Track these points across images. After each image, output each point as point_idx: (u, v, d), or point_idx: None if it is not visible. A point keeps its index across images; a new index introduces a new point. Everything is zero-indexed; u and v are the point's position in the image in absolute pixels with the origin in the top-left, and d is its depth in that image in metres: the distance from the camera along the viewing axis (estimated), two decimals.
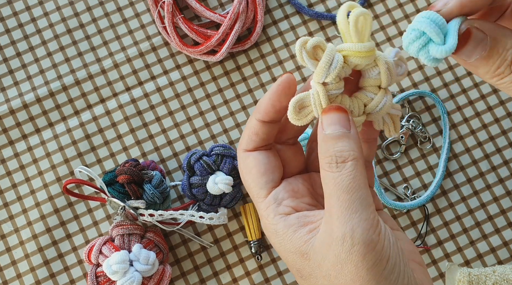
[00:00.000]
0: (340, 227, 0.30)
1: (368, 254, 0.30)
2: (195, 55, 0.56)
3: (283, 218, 0.33)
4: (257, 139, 0.36)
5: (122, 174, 0.49)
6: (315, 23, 0.58)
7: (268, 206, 0.34)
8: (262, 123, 0.35)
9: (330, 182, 0.31)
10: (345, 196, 0.30)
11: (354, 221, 0.30)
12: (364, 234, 0.30)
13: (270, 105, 0.35)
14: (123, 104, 0.56)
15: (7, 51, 0.57)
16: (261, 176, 0.35)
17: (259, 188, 0.35)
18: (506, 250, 0.55)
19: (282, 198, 0.35)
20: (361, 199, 0.31)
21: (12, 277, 0.53)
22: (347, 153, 0.31)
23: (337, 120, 0.32)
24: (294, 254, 0.33)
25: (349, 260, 0.30)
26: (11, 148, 0.55)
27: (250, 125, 0.36)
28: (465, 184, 0.56)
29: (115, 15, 0.58)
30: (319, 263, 0.31)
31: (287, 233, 0.33)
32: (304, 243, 0.32)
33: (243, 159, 0.36)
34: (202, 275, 0.54)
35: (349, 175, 0.31)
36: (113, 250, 0.48)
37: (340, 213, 0.30)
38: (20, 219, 0.54)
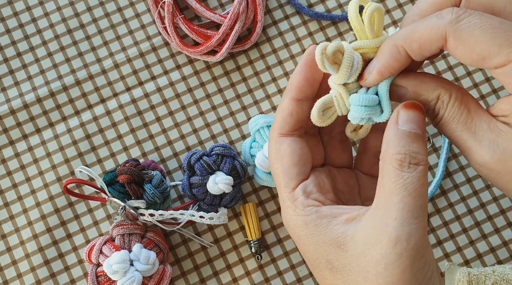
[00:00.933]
0: (398, 228, 0.29)
1: (417, 261, 0.30)
2: (195, 56, 0.56)
3: (314, 209, 0.33)
4: (292, 121, 0.34)
5: (122, 173, 0.49)
6: (315, 23, 0.59)
7: (297, 198, 0.33)
8: (296, 102, 0.34)
9: (396, 181, 0.30)
10: (410, 199, 0.30)
11: (413, 226, 0.29)
12: (419, 242, 0.29)
13: (303, 79, 0.33)
14: (123, 104, 0.56)
15: (8, 51, 0.57)
16: (293, 166, 0.34)
17: (288, 178, 0.34)
18: (506, 250, 0.55)
19: (310, 191, 0.34)
20: (423, 207, 0.30)
21: (13, 276, 0.53)
22: (422, 156, 0.31)
23: (416, 119, 0.31)
24: (328, 245, 0.32)
25: (397, 262, 0.29)
26: (12, 148, 0.55)
27: (283, 107, 0.34)
28: (465, 184, 0.56)
29: (116, 15, 0.58)
30: (357, 256, 0.31)
31: (320, 223, 0.32)
32: (342, 233, 0.31)
33: (277, 144, 0.34)
34: (202, 274, 0.54)
35: (419, 179, 0.30)
36: (113, 249, 0.48)
37: (401, 215, 0.29)
38: (21, 218, 0.54)
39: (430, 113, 0.32)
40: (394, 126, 0.31)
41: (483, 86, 0.58)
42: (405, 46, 0.31)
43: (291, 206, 0.33)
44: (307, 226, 0.32)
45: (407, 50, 0.31)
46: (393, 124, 0.31)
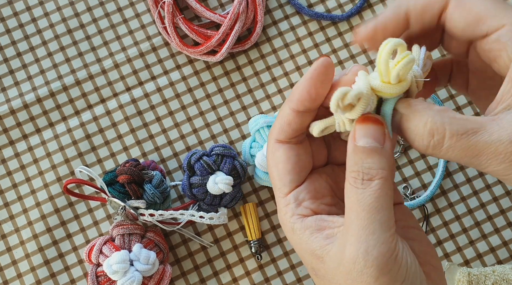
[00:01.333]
0: (354, 245, 0.29)
1: (381, 277, 0.29)
2: (195, 56, 0.56)
3: (300, 219, 0.33)
4: (289, 130, 0.34)
5: (122, 173, 0.49)
6: (315, 23, 0.59)
7: (288, 204, 0.33)
8: (296, 113, 0.33)
9: (352, 197, 0.30)
10: (364, 214, 0.29)
11: (370, 242, 0.29)
12: (379, 258, 0.29)
13: (305, 93, 0.32)
14: (123, 104, 0.56)
15: (8, 51, 0.57)
16: (286, 174, 0.34)
17: (282, 184, 0.34)
18: (506, 250, 0.55)
19: (302, 198, 0.34)
20: (381, 221, 0.29)
21: (13, 276, 0.53)
22: (375, 171, 0.30)
23: (372, 133, 0.30)
24: (310, 255, 0.32)
25: (360, 279, 0.29)
26: (12, 148, 0.55)
27: (283, 114, 0.34)
28: (465, 184, 0.56)
29: (116, 15, 0.58)
30: (332, 270, 0.31)
31: (303, 233, 0.32)
32: (320, 247, 0.31)
33: (272, 150, 0.34)
34: (202, 274, 0.54)
35: (373, 194, 0.30)
36: (113, 249, 0.48)
37: (357, 231, 0.29)
38: (21, 218, 0.54)
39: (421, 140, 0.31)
40: (351, 142, 0.31)
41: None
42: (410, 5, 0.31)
43: (282, 210, 0.34)
44: (294, 232, 0.33)
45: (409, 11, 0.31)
46: (351, 140, 0.31)
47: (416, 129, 0.30)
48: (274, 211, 0.55)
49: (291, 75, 0.57)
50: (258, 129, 0.52)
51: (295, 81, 0.57)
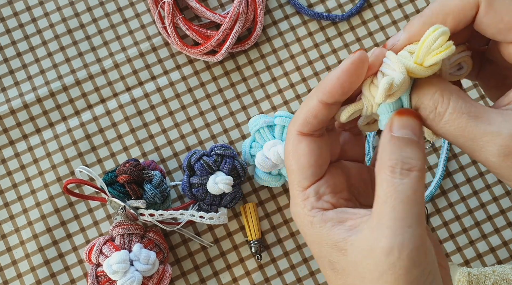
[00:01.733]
0: (390, 238, 0.29)
1: (413, 270, 0.29)
2: (195, 56, 0.56)
3: (320, 212, 0.32)
4: (315, 122, 0.33)
5: (122, 173, 0.49)
6: (315, 23, 0.59)
7: (307, 198, 0.33)
8: (324, 105, 0.32)
9: (388, 188, 0.29)
10: (402, 207, 0.29)
11: (406, 235, 0.29)
12: (414, 251, 0.29)
13: (338, 86, 0.31)
14: (123, 104, 0.56)
15: (8, 51, 0.57)
16: (308, 167, 0.33)
17: (302, 178, 0.33)
18: (506, 250, 0.55)
19: (323, 192, 0.33)
20: (417, 214, 0.29)
21: (13, 276, 0.53)
22: (415, 161, 0.30)
23: (410, 126, 0.31)
24: (331, 247, 0.32)
25: (390, 271, 0.29)
26: (12, 148, 0.55)
27: (309, 106, 0.33)
28: (465, 184, 0.56)
29: (116, 15, 0.58)
30: (356, 262, 0.31)
31: (324, 226, 0.32)
32: (343, 239, 0.31)
33: (295, 142, 0.34)
34: (202, 274, 0.54)
35: (412, 186, 0.29)
36: (113, 249, 0.48)
37: (393, 223, 0.29)
38: (21, 218, 0.54)
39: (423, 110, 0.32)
40: (388, 133, 0.31)
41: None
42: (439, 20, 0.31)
43: (300, 204, 0.33)
44: (313, 226, 0.32)
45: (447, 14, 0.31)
46: (387, 131, 0.31)
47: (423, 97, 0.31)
48: (274, 211, 0.55)
49: (291, 75, 0.57)
50: (258, 129, 0.52)
51: (295, 81, 0.57)
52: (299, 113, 0.34)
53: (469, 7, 0.30)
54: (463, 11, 0.31)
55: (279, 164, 0.51)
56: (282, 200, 0.55)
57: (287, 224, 0.55)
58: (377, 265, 0.29)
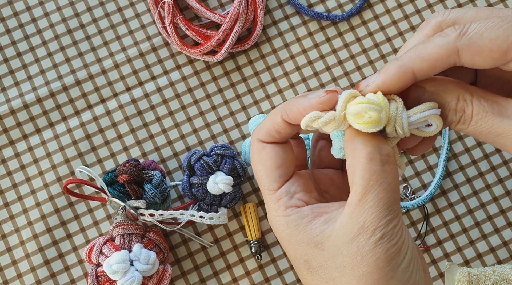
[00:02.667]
0: (373, 222, 0.30)
1: (391, 248, 0.31)
2: (195, 56, 0.56)
3: (295, 210, 0.33)
4: (277, 137, 0.35)
5: (122, 173, 0.49)
6: (315, 23, 0.59)
7: (280, 198, 0.34)
8: (288, 125, 0.34)
9: (370, 176, 0.31)
10: (385, 194, 0.31)
11: (387, 218, 0.30)
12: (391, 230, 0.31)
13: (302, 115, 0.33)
14: (123, 105, 0.56)
15: (8, 52, 0.57)
16: (276, 169, 0.34)
17: (272, 181, 0.34)
18: (506, 249, 0.55)
19: (294, 191, 0.34)
20: (397, 200, 0.31)
21: (13, 276, 0.53)
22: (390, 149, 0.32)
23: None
24: (306, 245, 0.32)
25: (372, 252, 0.30)
26: (12, 148, 0.55)
27: (273, 121, 0.34)
28: (465, 184, 0.56)
29: (116, 15, 0.58)
30: (334, 254, 0.32)
31: (300, 223, 0.33)
32: (320, 232, 0.32)
33: (258, 149, 0.35)
34: (202, 274, 0.54)
35: (392, 172, 0.31)
36: (113, 249, 0.48)
37: (377, 210, 0.30)
38: (21, 218, 0.54)
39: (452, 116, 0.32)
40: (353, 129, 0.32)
41: None
42: (415, 67, 0.31)
43: (274, 207, 0.34)
44: (288, 226, 0.33)
45: (415, 71, 0.31)
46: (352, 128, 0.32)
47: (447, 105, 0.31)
48: None
49: (291, 75, 0.57)
50: None
51: (295, 81, 0.57)
52: (264, 123, 0.35)
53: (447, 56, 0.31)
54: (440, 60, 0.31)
55: None
56: None
57: None
58: (359, 248, 0.31)
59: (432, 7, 0.59)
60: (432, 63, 0.31)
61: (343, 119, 0.31)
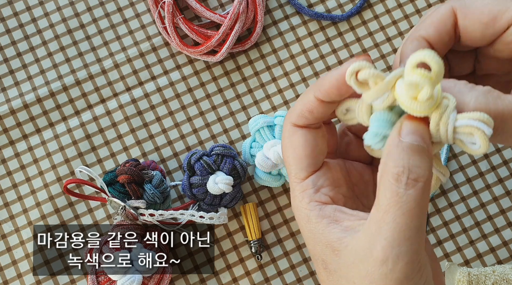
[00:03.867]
0: (386, 249, 0.28)
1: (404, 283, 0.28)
2: (195, 56, 0.56)
3: (318, 207, 0.32)
4: (310, 118, 0.32)
5: (122, 173, 0.49)
6: (315, 23, 0.59)
7: (305, 189, 0.32)
8: (320, 103, 0.32)
9: (391, 197, 0.28)
10: (403, 219, 0.28)
11: (403, 248, 0.28)
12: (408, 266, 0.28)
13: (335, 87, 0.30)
14: (123, 105, 0.56)
15: (8, 52, 0.57)
16: (305, 157, 0.32)
17: (299, 169, 0.33)
18: (506, 249, 0.55)
19: (321, 184, 0.32)
20: (417, 228, 0.28)
21: (13, 276, 0.53)
22: (422, 171, 0.28)
23: (420, 132, 0.29)
24: (325, 246, 0.31)
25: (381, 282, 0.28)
26: (12, 148, 0.55)
27: (306, 100, 0.32)
28: (465, 184, 0.56)
29: (116, 15, 0.58)
30: (348, 265, 0.30)
31: (320, 223, 0.31)
32: (337, 239, 0.30)
33: (289, 133, 0.33)
34: (202, 274, 0.54)
35: (416, 198, 0.28)
36: (113, 249, 0.48)
37: (391, 235, 0.28)
38: (21, 218, 0.54)
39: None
40: (396, 137, 0.29)
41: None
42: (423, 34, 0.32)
43: (298, 196, 0.32)
44: (309, 221, 0.32)
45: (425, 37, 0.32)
46: (395, 135, 0.29)
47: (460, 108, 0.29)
48: (274, 211, 0.55)
49: (291, 75, 0.57)
50: (258, 129, 0.52)
51: (295, 81, 0.57)
52: (296, 105, 0.33)
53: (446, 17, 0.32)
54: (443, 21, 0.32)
55: (279, 164, 0.51)
56: (282, 200, 0.55)
57: (287, 224, 0.55)
58: (368, 273, 0.28)
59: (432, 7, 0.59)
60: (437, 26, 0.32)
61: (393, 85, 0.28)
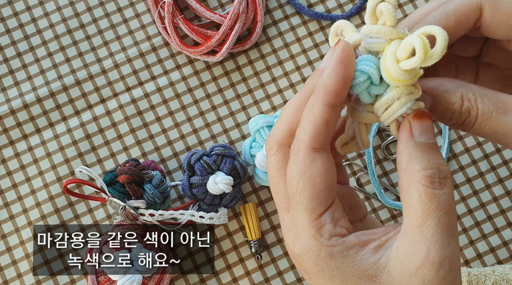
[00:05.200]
0: (440, 251, 0.27)
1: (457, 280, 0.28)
2: (195, 56, 0.56)
3: (341, 240, 0.29)
4: (328, 132, 0.29)
5: (122, 173, 0.49)
6: (315, 23, 0.59)
7: (323, 226, 0.29)
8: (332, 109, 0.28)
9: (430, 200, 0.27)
10: (447, 218, 0.27)
11: (452, 245, 0.28)
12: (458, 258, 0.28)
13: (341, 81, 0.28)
14: (123, 105, 0.56)
15: (8, 52, 0.57)
16: (325, 189, 0.29)
17: (317, 203, 0.29)
18: (506, 250, 0.55)
19: (338, 217, 0.29)
20: (456, 222, 0.28)
21: (13, 276, 0.53)
22: (446, 168, 0.28)
23: (430, 129, 0.29)
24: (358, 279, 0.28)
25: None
26: (12, 148, 0.55)
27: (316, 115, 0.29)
28: (465, 184, 0.56)
29: (116, 15, 0.58)
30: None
31: (348, 254, 0.28)
32: (373, 264, 0.28)
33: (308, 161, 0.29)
34: (202, 274, 0.54)
35: (451, 195, 0.28)
36: (113, 249, 0.48)
37: (441, 237, 0.27)
38: (21, 218, 0.54)
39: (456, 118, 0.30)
40: (411, 139, 0.28)
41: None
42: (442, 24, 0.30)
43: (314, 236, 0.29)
44: (333, 258, 0.29)
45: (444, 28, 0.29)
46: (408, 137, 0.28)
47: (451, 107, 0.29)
48: (274, 211, 0.55)
49: (291, 75, 0.57)
50: (258, 129, 0.52)
51: (295, 81, 0.57)
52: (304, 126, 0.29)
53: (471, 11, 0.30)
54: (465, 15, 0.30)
55: None
56: None
57: None
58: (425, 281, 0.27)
59: None
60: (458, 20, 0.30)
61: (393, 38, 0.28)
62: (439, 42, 0.26)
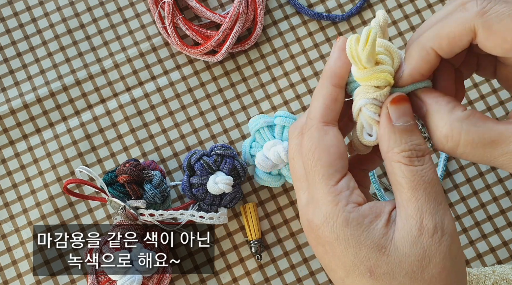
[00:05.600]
0: (430, 219, 0.30)
1: (452, 244, 0.30)
2: (195, 56, 0.56)
3: (356, 208, 0.31)
4: (337, 108, 0.32)
5: (122, 173, 0.49)
6: (315, 23, 0.59)
7: (340, 193, 0.31)
8: (340, 89, 0.32)
9: (413, 176, 0.30)
10: (431, 188, 0.30)
11: (441, 211, 0.30)
12: (450, 224, 0.30)
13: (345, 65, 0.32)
14: (123, 105, 0.56)
15: (8, 52, 0.57)
16: (339, 158, 0.31)
17: (333, 171, 0.31)
18: (506, 250, 0.55)
19: (353, 186, 0.32)
20: (441, 191, 0.31)
21: (13, 276, 0.53)
22: (424, 146, 0.31)
23: (407, 112, 0.31)
24: (370, 248, 0.30)
25: (437, 251, 0.30)
26: (12, 148, 0.55)
27: (325, 93, 0.32)
28: (465, 184, 0.56)
29: (116, 15, 0.58)
30: (399, 259, 0.30)
31: (362, 223, 0.30)
32: (382, 235, 0.30)
33: (321, 133, 0.32)
34: (202, 274, 0.54)
35: (431, 168, 0.30)
36: (113, 249, 0.48)
37: (429, 205, 0.30)
38: (21, 218, 0.54)
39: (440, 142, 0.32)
40: (389, 124, 0.31)
41: (483, 86, 0.58)
42: (434, 46, 0.31)
43: (332, 201, 0.31)
44: (348, 225, 0.30)
45: (436, 49, 0.31)
46: (387, 122, 0.31)
47: (435, 128, 0.31)
48: (274, 211, 0.55)
49: (291, 75, 0.57)
50: (258, 129, 0.52)
51: (295, 81, 0.57)
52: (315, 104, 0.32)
53: (464, 33, 0.30)
54: (458, 37, 0.30)
55: (279, 164, 0.51)
56: (282, 200, 0.55)
57: (287, 224, 0.55)
58: (425, 250, 0.30)
59: (432, 7, 0.59)
60: (451, 41, 0.30)
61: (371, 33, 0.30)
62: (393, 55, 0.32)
